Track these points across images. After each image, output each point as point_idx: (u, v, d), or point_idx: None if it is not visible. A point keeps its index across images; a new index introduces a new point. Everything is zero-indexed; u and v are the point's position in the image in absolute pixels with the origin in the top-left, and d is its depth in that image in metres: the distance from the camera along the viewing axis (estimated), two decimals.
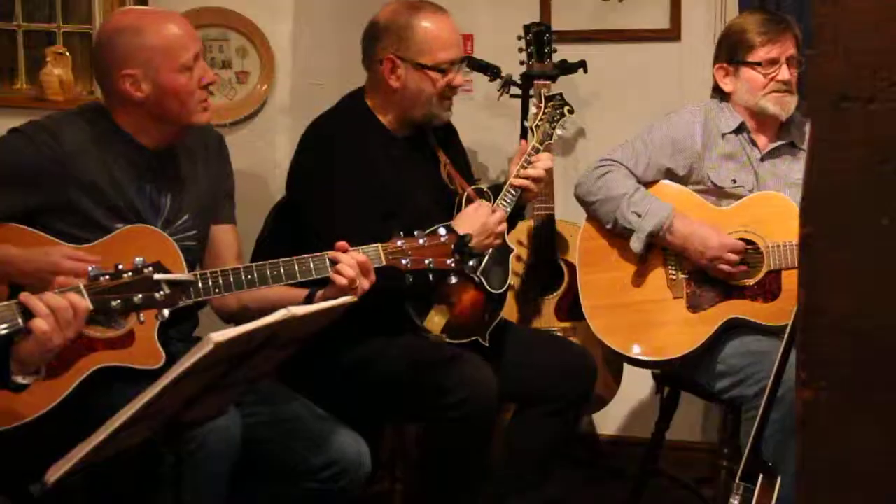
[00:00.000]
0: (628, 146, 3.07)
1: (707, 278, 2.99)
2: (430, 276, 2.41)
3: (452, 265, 2.42)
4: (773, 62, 2.98)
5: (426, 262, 2.40)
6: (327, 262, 2.37)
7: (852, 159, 1.21)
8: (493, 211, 2.79)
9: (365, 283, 2.38)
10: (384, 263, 2.40)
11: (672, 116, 3.12)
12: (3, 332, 1.97)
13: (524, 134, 3.75)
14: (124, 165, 2.43)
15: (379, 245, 2.41)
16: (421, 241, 2.41)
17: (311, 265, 2.36)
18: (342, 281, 2.35)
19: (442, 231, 2.42)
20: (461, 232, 2.72)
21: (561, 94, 3.08)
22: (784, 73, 2.97)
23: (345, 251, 2.38)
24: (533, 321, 3.47)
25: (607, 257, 3.06)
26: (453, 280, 2.46)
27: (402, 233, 2.41)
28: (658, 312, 3.01)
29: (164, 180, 2.50)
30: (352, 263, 2.35)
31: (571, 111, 3.06)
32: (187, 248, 2.46)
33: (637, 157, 3.04)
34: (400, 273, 2.40)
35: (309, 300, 2.46)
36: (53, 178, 2.35)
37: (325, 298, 2.42)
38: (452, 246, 2.40)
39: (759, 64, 2.99)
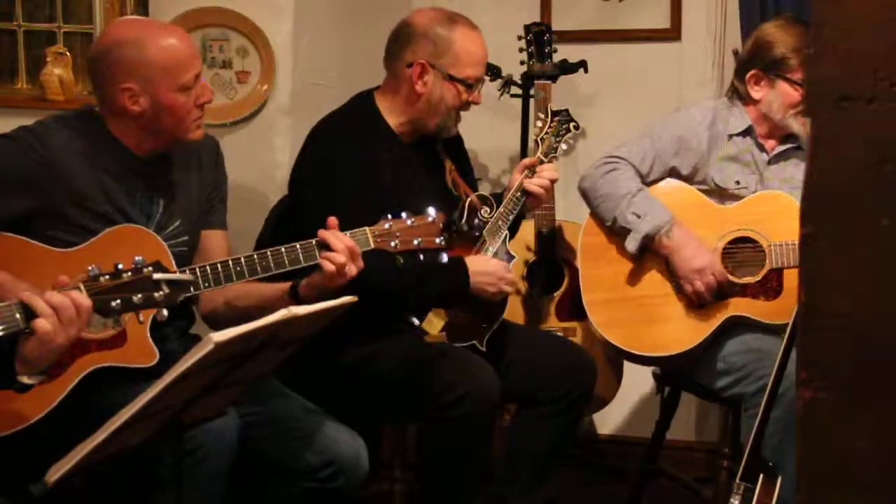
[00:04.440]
0: (635, 143, 3.06)
1: None
2: (421, 256, 2.42)
3: (442, 244, 2.42)
4: None
5: (415, 242, 2.40)
6: (316, 249, 2.36)
7: (852, 159, 1.21)
8: (510, 271, 2.84)
9: (353, 269, 2.37)
10: (372, 246, 2.40)
11: (680, 114, 3.11)
12: (2, 332, 1.97)
13: (525, 138, 3.77)
14: (114, 172, 2.42)
15: (367, 228, 2.40)
16: (409, 222, 2.40)
17: (300, 253, 2.35)
18: (330, 267, 2.35)
19: (430, 211, 2.42)
20: (471, 268, 2.73)
21: (567, 110, 3.09)
22: None
23: (335, 227, 2.38)
24: (533, 321, 3.47)
25: (609, 252, 3.06)
26: (444, 259, 2.46)
27: (389, 215, 2.41)
28: (659, 308, 3.01)
29: (156, 187, 2.49)
30: (342, 248, 2.35)
31: (577, 127, 3.07)
32: (178, 255, 2.45)
33: (644, 154, 3.03)
34: (389, 255, 2.40)
35: (293, 292, 2.45)
36: (40, 183, 2.34)
37: (311, 286, 2.42)
38: (441, 224, 2.41)
39: (799, 84, 2.97)
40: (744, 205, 3.01)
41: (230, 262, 2.30)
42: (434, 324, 2.83)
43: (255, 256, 2.32)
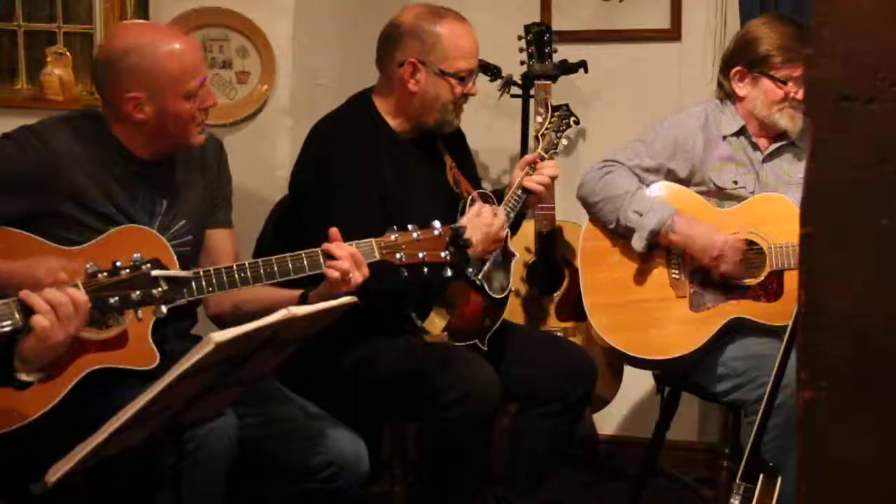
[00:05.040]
0: (629, 148, 3.07)
1: (709, 278, 2.99)
2: (425, 270, 2.41)
3: (447, 258, 2.41)
4: (797, 81, 2.96)
5: (420, 255, 2.39)
6: (321, 258, 2.36)
7: (852, 159, 1.21)
8: (495, 214, 2.77)
9: (357, 276, 2.37)
10: (378, 258, 2.40)
11: (674, 117, 3.12)
12: (1, 330, 1.97)
13: (525, 138, 3.77)
14: (117, 173, 2.43)
15: (372, 240, 2.40)
16: (415, 235, 2.40)
17: (305, 261, 2.35)
18: (335, 274, 2.34)
19: (436, 224, 2.42)
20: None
21: (567, 105, 3.09)
22: (802, 91, 2.95)
23: (337, 238, 2.38)
24: (533, 321, 3.47)
25: (610, 256, 3.06)
26: (448, 273, 2.45)
27: (395, 227, 2.41)
28: (660, 311, 3.01)
29: (159, 188, 2.50)
30: (344, 255, 2.35)
31: (577, 122, 3.07)
32: (182, 255, 2.45)
33: (639, 157, 3.04)
34: (394, 268, 2.40)
35: (303, 300, 2.45)
36: (43, 183, 2.34)
37: (319, 295, 2.42)
38: (447, 239, 2.40)
39: (783, 81, 2.97)
40: (743, 207, 3.01)
41: (234, 268, 2.30)
42: (436, 323, 2.83)
43: (261, 263, 2.32)
